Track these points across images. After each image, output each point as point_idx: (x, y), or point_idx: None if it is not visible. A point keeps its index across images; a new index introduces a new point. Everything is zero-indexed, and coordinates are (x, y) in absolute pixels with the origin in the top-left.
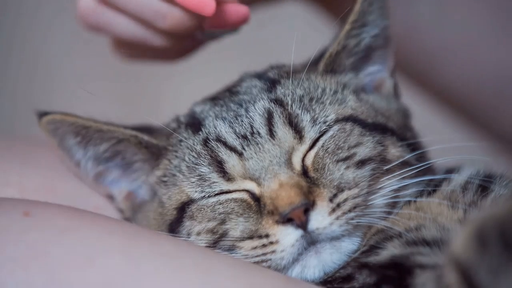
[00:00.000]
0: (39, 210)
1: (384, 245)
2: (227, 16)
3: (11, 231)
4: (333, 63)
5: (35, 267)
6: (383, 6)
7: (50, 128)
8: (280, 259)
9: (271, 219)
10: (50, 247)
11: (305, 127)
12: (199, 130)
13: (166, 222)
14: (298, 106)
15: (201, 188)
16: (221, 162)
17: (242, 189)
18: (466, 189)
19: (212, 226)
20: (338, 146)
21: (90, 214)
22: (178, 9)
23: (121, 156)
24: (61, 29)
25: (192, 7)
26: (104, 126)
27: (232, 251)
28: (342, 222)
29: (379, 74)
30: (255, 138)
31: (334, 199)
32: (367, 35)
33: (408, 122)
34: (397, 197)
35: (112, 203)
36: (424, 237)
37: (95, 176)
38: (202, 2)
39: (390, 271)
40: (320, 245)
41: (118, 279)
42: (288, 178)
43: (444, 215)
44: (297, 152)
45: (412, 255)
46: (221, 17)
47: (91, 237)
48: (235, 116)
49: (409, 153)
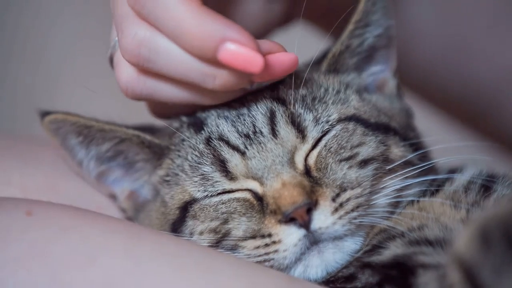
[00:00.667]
0: (41, 210)
1: (386, 244)
2: (276, 68)
3: (13, 230)
4: (336, 63)
5: (37, 267)
6: (386, 5)
7: (52, 127)
8: (282, 259)
9: (274, 218)
10: (52, 246)
11: (307, 127)
12: (201, 129)
13: (168, 222)
14: (301, 105)
15: (203, 188)
16: (223, 161)
17: (244, 188)
18: (469, 189)
19: (215, 225)
20: (341, 145)
21: (92, 213)
22: (226, 69)
23: (123, 155)
24: (63, 28)
25: (240, 67)
26: (106, 126)
27: (235, 250)
28: (345, 222)
29: (382, 74)
30: (257, 137)
31: (336, 199)
32: (370, 35)
33: (411, 122)
34: (399, 197)
35: (114, 202)
36: (426, 236)
37: (98, 175)
38: (249, 61)
39: (393, 271)
40: (322, 244)
41: (120, 278)
42: (291, 177)
43: (446, 215)
44: (299, 151)
45: (415, 254)
46: (271, 69)
47: (93, 237)
48: (237, 115)
49: (411, 152)
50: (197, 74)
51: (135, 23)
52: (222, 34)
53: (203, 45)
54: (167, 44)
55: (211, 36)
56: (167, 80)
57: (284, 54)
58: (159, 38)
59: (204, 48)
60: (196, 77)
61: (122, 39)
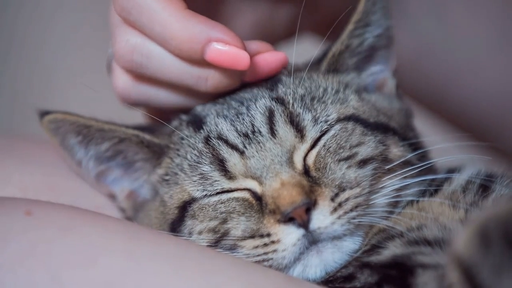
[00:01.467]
0: (41, 209)
1: (385, 244)
2: (265, 66)
3: (12, 230)
4: (336, 62)
5: (36, 267)
6: (386, 6)
7: (51, 127)
8: (281, 259)
9: (273, 218)
10: (51, 247)
11: (306, 126)
12: (200, 128)
13: (167, 221)
14: (300, 105)
15: (202, 187)
16: (222, 160)
17: (243, 187)
18: (468, 189)
19: (214, 225)
20: (340, 145)
21: (91, 213)
22: (217, 69)
23: (122, 155)
24: (61, 27)
25: (227, 64)
26: (105, 125)
27: (234, 250)
28: (344, 222)
29: (382, 74)
30: (256, 137)
31: (335, 199)
32: (370, 35)
33: (410, 122)
34: (398, 197)
35: (113, 202)
36: (425, 236)
37: (97, 175)
38: (235, 58)
39: (392, 271)
40: (321, 244)
41: (120, 278)
42: (290, 177)
43: (445, 214)
44: (298, 151)
45: (414, 254)
46: (259, 67)
47: (93, 236)
48: (236, 114)
49: (410, 152)
50: (189, 77)
51: (127, 31)
52: (207, 35)
53: (190, 47)
54: (158, 50)
55: (197, 37)
56: (161, 85)
57: (271, 54)
58: (150, 44)
59: (191, 50)
60: (189, 80)
61: (116, 46)
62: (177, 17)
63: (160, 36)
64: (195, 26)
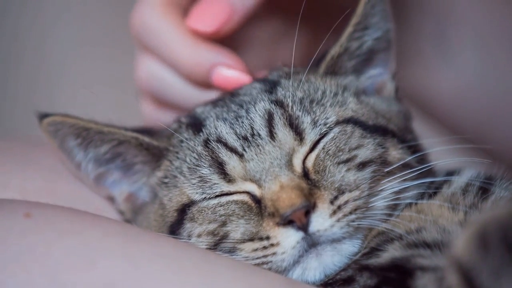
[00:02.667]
0: (40, 212)
1: (385, 247)
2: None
3: (12, 232)
4: (335, 65)
5: (36, 269)
6: (385, 8)
7: (50, 129)
8: (281, 261)
9: (272, 221)
10: (51, 249)
11: (305, 129)
12: (200, 131)
13: (166, 224)
14: (299, 108)
15: (201, 190)
16: (221, 163)
17: (242, 190)
18: (467, 191)
19: (213, 228)
20: (339, 148)
21: (91, 215)
22: None
23: (121, 157)
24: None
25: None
26: (104, 128)
27: (233, 253)
28: (343, 224)
29: (381, 77)
30: (255, 140)
31: (335, 201)
32: (369, 37)
33: (409, 124)
34: (398, 199)
35: (112, 204)
36: (425, 239)
37: (96, 177)
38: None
39: (391, 273)
40: (321, 247)
41: (119, 281)
42: (289, 180)
43: (444, 217)
44: (297, 154)
45: (413, 257)
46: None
47: (92, 239)
48: (235, 117)
49: (410, 155)
50: None
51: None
52: (213, 60)
53: (198, 71)
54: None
55: (204, 62)
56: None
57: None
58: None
59: (199, 74)
60: None
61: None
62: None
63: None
64: (203, 51)
